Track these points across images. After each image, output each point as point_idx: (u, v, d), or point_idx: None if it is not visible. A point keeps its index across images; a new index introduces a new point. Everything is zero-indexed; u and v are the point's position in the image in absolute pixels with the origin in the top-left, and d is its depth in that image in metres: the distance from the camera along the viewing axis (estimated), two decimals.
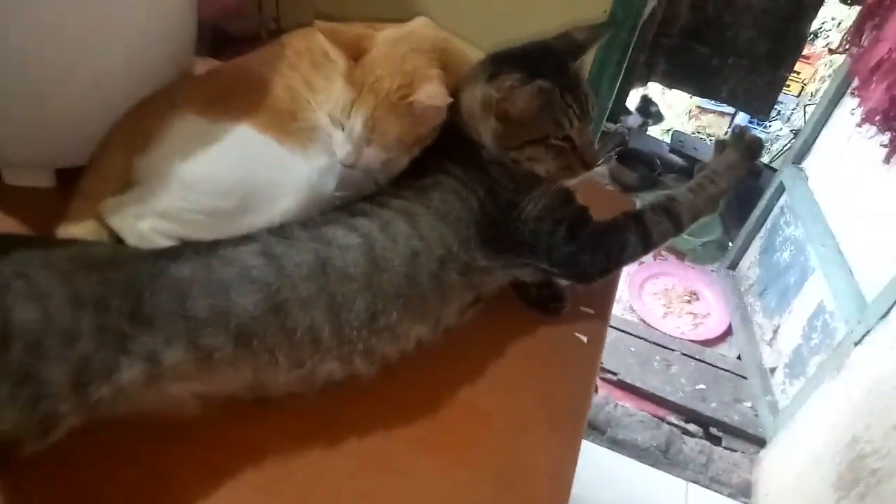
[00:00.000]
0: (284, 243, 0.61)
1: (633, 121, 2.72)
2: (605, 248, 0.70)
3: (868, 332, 1.33)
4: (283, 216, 0.66)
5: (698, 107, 3.02)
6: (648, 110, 2.79)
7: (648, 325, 1.94)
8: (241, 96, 0.68)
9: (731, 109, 2.87)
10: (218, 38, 1.11)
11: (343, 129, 0.67)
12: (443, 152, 0.71)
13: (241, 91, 0.68)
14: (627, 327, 1.91)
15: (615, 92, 1.20)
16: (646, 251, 0.72)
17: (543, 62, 0.69)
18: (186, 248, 0.60)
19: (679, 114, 3.04)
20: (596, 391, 0.74)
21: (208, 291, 0.56)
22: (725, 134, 2.97)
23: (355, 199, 0.69)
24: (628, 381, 1.77)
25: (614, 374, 1.78)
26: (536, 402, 0.67)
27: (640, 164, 2.44)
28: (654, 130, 2.84)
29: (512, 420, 0.65)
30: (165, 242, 0.64)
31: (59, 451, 0.51)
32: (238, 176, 0.65)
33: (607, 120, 2.71)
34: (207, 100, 0.66)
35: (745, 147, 0.75)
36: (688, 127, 3.03)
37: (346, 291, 0.60)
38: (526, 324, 0.73)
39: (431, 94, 0.65)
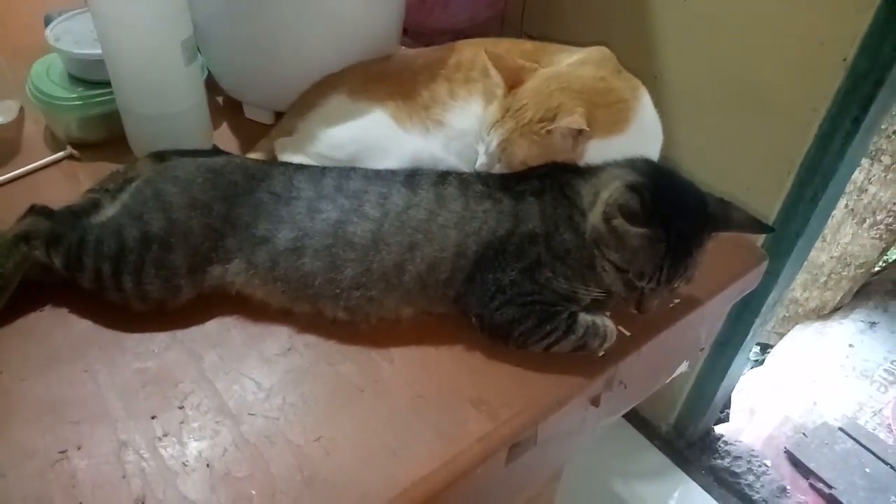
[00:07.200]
0: (328, 199, 0.70)
1: None
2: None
3: None
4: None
5: None
6: None
7: None
8: (385, 87, 0.88)
9: None
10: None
11: (483, 143, 0.78)
12: (565, 184, 0.70)
13: (389, 82, 0.88)
14: (872, 444, 1.58)
15: (847, 151, 1.06)
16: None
17: (684, 210, 0.65)
18: (275, 170, 0.74)
19: None
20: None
21: (269, 218, 0.69)
22: None
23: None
24: (843, 500, 1.48)
25: (829, 486, 1.51)
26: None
27: None
28: None
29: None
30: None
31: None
32: (355, 140, 0.84)
33: None
34: (359, 85, 0.88)
35: None
36: None
37: (344, 257, 0.67)
38: None
39: (571, 121, 0.70)
